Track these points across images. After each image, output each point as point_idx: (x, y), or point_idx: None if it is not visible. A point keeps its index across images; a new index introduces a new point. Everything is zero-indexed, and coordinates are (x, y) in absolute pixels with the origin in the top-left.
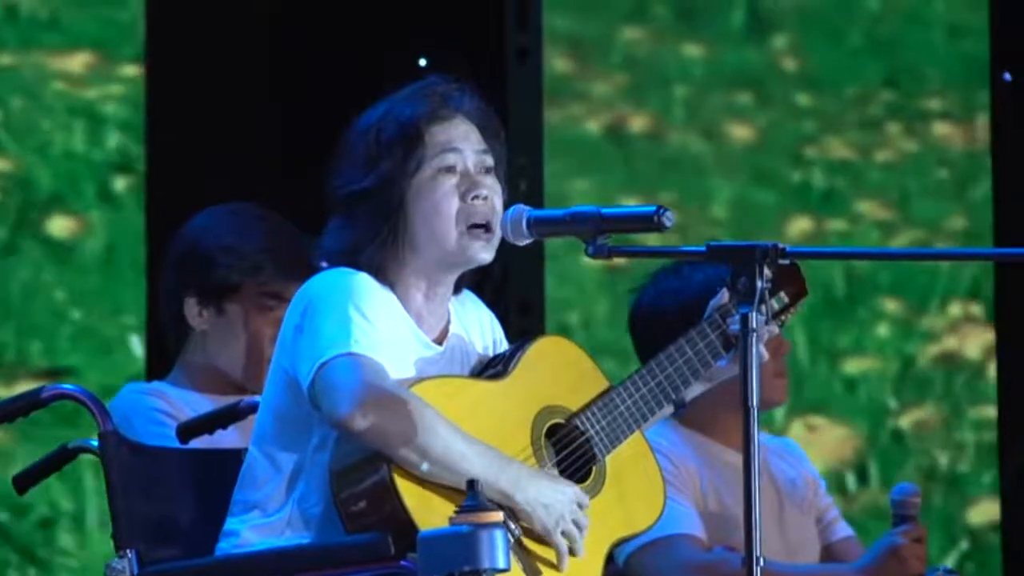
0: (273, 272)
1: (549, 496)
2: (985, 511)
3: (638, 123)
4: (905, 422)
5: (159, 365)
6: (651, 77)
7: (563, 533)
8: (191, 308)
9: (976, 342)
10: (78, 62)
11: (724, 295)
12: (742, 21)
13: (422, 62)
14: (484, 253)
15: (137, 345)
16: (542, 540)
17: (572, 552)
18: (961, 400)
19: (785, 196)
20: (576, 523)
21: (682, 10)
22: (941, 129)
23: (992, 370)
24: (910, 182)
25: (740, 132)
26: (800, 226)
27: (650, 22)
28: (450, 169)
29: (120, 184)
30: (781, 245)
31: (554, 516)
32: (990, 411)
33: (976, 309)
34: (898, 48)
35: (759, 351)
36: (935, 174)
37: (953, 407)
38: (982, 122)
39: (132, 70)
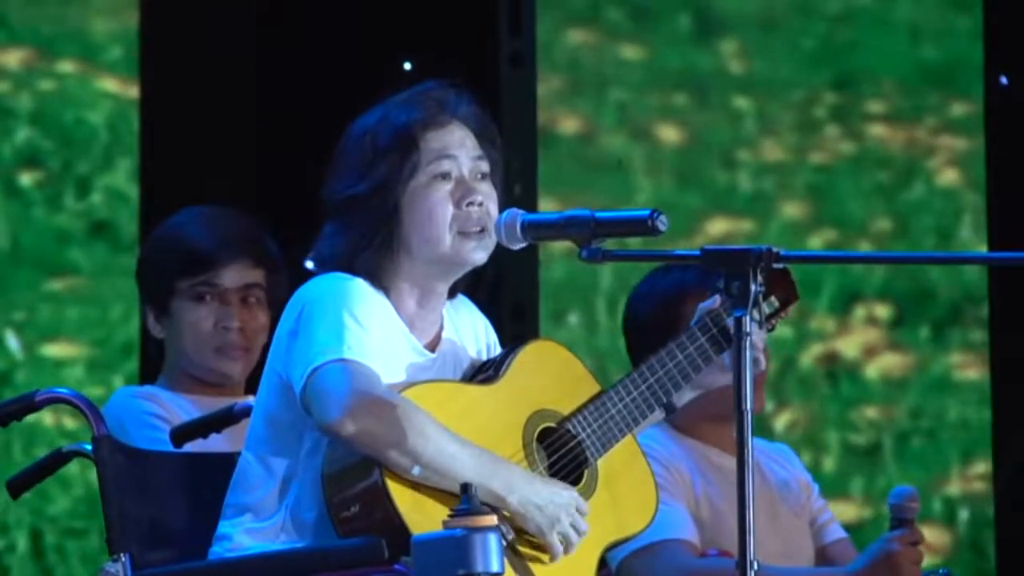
0: (203, 263)
1: (543, 497)
2: (838, 512)
3: (569, 125)
4: (778, 423)
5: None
6: (590, 79)
7: (560, 534)
8: (150, 319)
9: (858, 343)
10: (15, 58)
11: (716, 300)
12: (695, 24)
13: (407, 65)
14: (479, 253)
15: (12, 341)
16: (536, 544)
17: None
18: (835, 402)
19: (710, 198)
20: (575, 527)
21: (636, 12)
22: (881, 132)
23: (872, 371)
24: (843, 184)
25: (671, 134)
26: (716, 228)
27: (601, 24)
28: (445, 175)
29: (26, 179)
30: (775, 249)
31: (548, 517)
32: (869, 412)
33: (882, 311)
34: (855, 52)
35: (752, 362)
36: (871, 177)
37: (827, 409)
38: (929, 125)
39: (69, 67)
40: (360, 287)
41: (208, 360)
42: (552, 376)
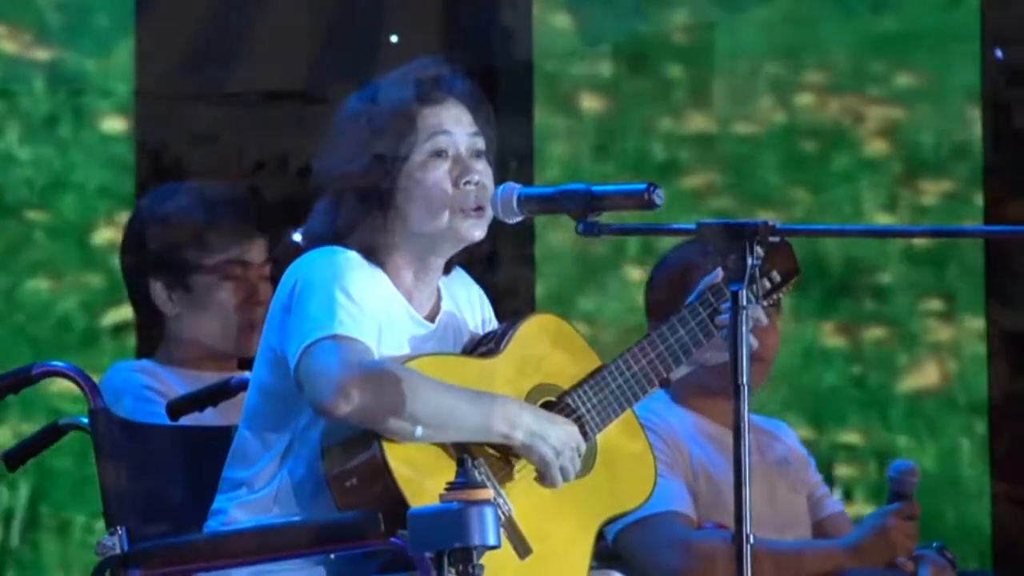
0: (232, 239)
1: (546, 429)
2: None
3: None
4: None
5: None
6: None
7: (562, 468)
8: (159, 293)
9: None
10: None
11: (718, 274)
12: None
13: (393, 38)
14: (476, 231)
15: None
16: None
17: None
18: None
19: (622, 167)
20: (573, 462)
21: None
22: (812, 101)
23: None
24: (764, 154)
25: (594, 103)
26: None
27: None
28: (442, 153)
29: None
30: (771, 222)
31: (553, 448)
32: None
33: None
34: (812, 25)
35: (748, 337)
36: (796, 147)
37: None
38: (869, 96)
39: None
40: (354, 261)
41: (235, 335)
42: (552, 350)
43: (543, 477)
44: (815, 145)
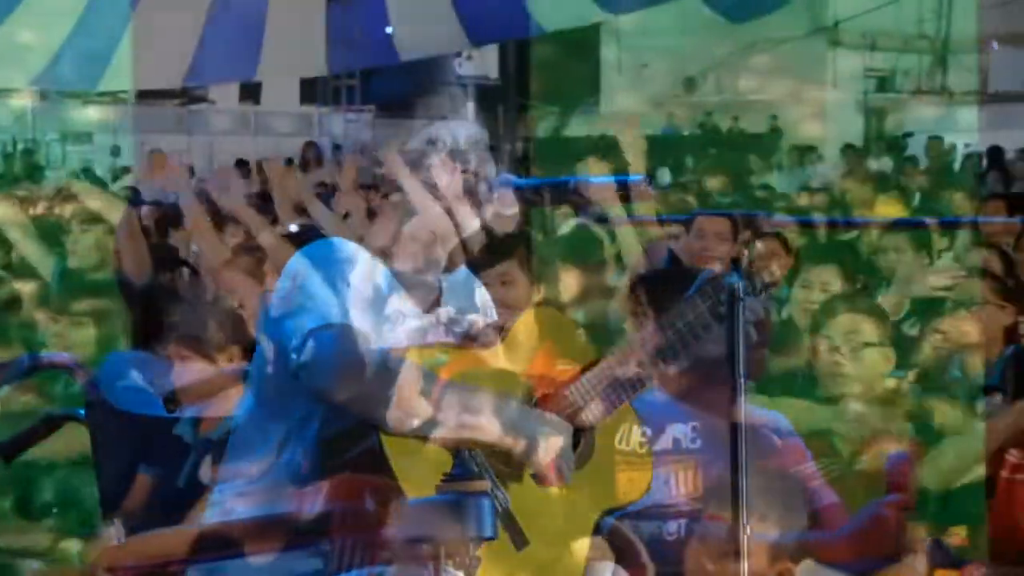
0: (252, 233)
1: (537, 427)
2: None
3: None
4: None
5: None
6: None
7: (558, 468)
8: (185, 284)
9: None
10: None
11: (716, 267)
12: None
13: (388, 30)
14: (470, 221)
15: None
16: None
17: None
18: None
19: (553, 142)
20: (568, 461)
21: None
22: (756, 85)
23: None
24: (691, 138)
25: (535, 84)
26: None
27: None
28: (440, 142)
29: None
30: (767, 215)
31: (545, 446)
32: None
33: None
34: (770, 11)
35: (748, 331)
36: (728, 129)
37: None
38: (813, 80)
39: None
40: (354, 252)
41: (243, 329)
42: (551, 343)
43: (538, 476)
44: (744, 127)
